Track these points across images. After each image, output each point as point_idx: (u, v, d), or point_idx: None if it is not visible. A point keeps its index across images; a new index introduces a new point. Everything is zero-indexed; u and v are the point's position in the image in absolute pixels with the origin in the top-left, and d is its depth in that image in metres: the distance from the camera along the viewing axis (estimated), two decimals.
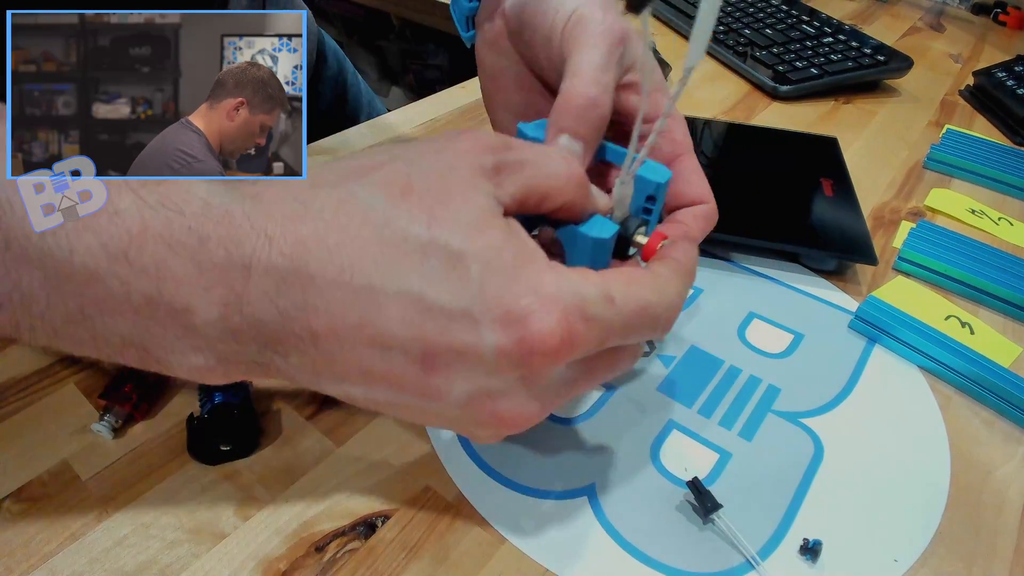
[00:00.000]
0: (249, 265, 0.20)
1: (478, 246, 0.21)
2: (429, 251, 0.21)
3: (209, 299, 0.21)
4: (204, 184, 0.21)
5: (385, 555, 0.28)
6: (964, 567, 0.30)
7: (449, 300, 0.21)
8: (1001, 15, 0.98)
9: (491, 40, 0.36)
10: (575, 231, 0.26)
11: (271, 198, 0.21)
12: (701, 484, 0.30)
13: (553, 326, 0.21)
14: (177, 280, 0.20)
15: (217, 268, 0.20)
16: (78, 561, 0.27)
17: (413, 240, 0.21)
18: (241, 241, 0.20)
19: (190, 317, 0.21)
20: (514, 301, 0.21)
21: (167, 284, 0.20)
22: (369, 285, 0.21)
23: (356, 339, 0.21)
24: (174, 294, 0.20)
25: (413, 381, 0.22)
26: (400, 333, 0.21)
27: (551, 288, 0.21)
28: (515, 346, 0.21)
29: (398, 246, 0.21)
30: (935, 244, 0.47)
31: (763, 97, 0.69)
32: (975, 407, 0.37)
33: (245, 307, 0.21)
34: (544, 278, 0.21)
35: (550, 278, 0.21)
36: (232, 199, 0.21)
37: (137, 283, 0.20)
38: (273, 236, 0.21)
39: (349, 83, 0.68)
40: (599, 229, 0.26)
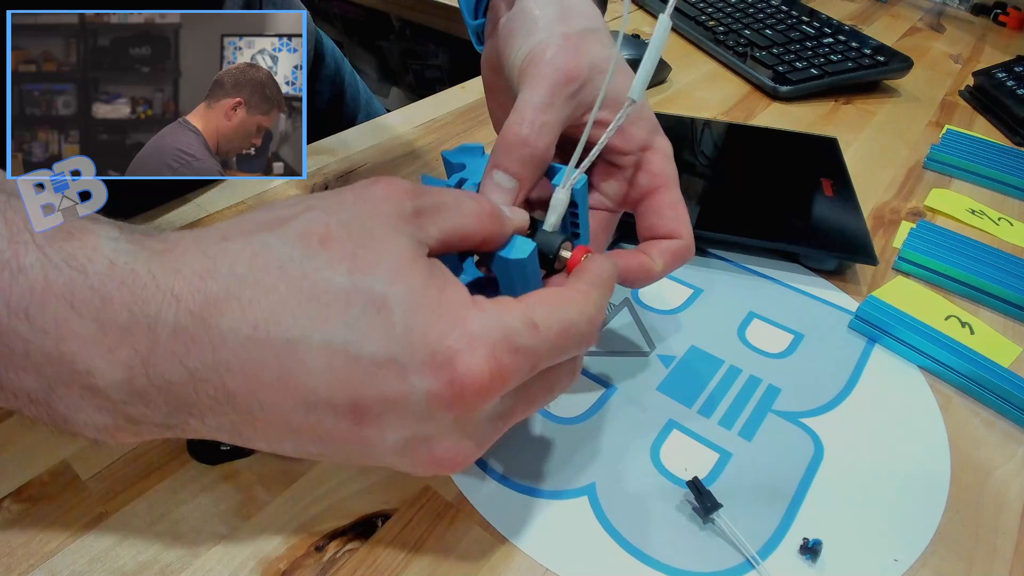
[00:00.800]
0: (155, 326, 0.20)
1: (401, 289, 0.21)
2: (352, 298, 0.20)
3: (113, 360, 0.20)
4: (111, 242, 0.21)
5: (385, 555, 0.28)
6: (964, 567, 0.30)
7: (375, 348, 0.20)
8: (1001, 15, 0.98)
9: (488, 61, 0.37)
10: (497, 256, 0.26)
11: (179, 254, 0.21)
12: (701, 484, 0.30)
13: (481, 363, 0.20)
14: (79, 340, 0.20)
15: (120, 329, 0.20)
16: (78, 561, 0.27)
17: (335, 289, 0.20)
18: (146, 301, 0.20)
19: (92, 378, 0.20)
20: (439, 342, 0.20)
21: (68, 344, 0.20)
22: (288, 339, 0.20)
23: (278, 398, 0.21)
24: (76, 354, 0.20)
25: (343, 434, 0.21)
26: (325, 387, 0.20)
27: (475, 325, 0.21)
28: (445, 389, 0.20)
29: (319, 297, 0.20)
30: (935, 244, 0.47)
31: (763, 97, 0.69)
32: (975, 407, 0.37)
33: (151, 369, 0.20)
34: (468, 315, 0.21)
35: (474, 315, 0.21)
36: (137, 258, 0.20)
37: (38, 341, 0.20)
38: (180, 295, 0.20)
39: (347, 82, 0.68)
40: (517, 250, 0.26)
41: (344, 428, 0.21)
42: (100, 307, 0.20)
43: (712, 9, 0.83)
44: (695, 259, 0.46)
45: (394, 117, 0.61)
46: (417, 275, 0.21)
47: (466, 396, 0.21)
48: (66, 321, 0.20)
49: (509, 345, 0.21)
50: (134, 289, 0.20)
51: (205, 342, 0.20)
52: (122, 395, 0.20)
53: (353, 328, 0.20)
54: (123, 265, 0.20)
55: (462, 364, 0.20)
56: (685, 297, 0.43)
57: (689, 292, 0.43)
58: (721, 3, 0.85)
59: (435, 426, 0.22)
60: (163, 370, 0.20)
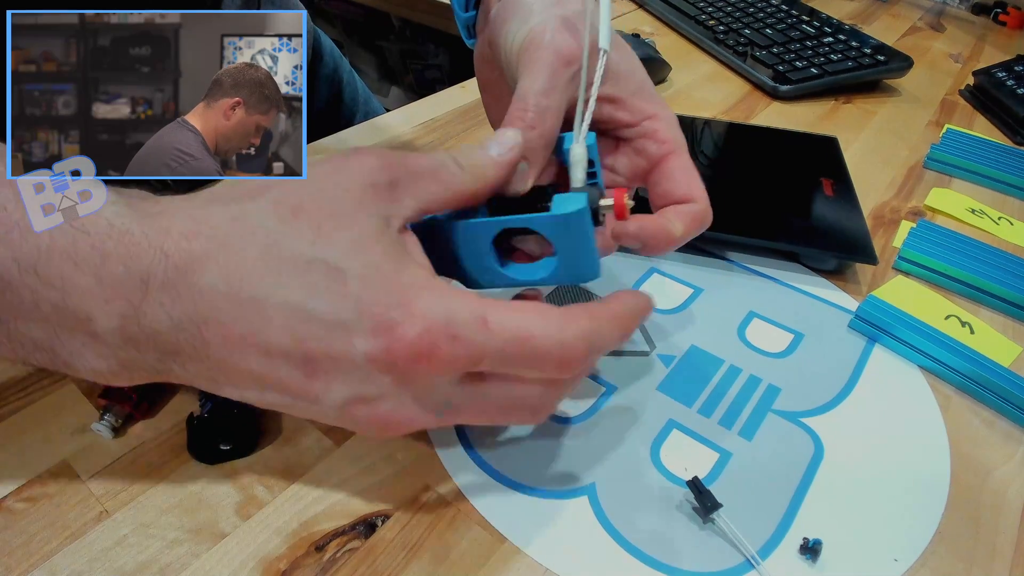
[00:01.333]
0: (146, 280, 0.22)
1: (358, 263, 0.23)
2: (313, 266, 0.22)
3: (109, 310, 0.22)
4: (110, 206, 0.23)
5: (385, 555, 0.28)
6: (964, 567, 0.30)
7: (327, 311, 0.22)
8: (1001, 15, 0.98)
9: (481, 54, 0.37)
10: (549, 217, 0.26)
11: (169, 216, 0.23)
12: (701, 484, 0.30)
13: (415, 337, 0.22)
14: (80, 292, 0.22)
15: (116, 282, 0.22)
16: (78, 561, 0.27)
17: (299, 256, 0.23)
18: (139, 257, 0.22)
19: (92, 325, 0.23)
20: (384, 314, 0.22)
21: (71, 296, 0.22)
22: (254, 297, 0.22)
23: (244, 348, 0.23)
24: (78, 305, 0.22)
25: (297, 386, 0.24)
26: (283, 342, 0.23)
27: (421, 304, 0.23)
28: (382, 354, 0.22)
29: (284, 262, 0.22)
30: (935, 244, 0.47)
31: (763, 97, 0.69)
32: (975, 407, 0.37)
33: (142, 318, 0.23)
34: (418, 295, 0.23)
35: (424, 296, 0.23)
36: (133, 220, 0.23)
37: (45, 294, 0.22)
38: (168, 252, 0.22)
39: (345, 82, 0.68)
40: (570, 203, 0.26)
41: (297, 379, 0.23)
42: (99, 264, 0.22)
43: (712, 8, 0.83)
44: (695, 259, 0.46)
45: (393, 117, 0.61)
46: (376, 251, 0.23)
47: (399, 363, 0.22)
48: (70, 276, 0.22)
49: (448, 329, 0.22)
50: (129, 247, 0.22)
51: (187, 295, 0.22)
52: (117, 341, 0.23)
53: (311, 292, 0.22)
54: (120, 226, 0.22)
55: (398, 333, 0.22)
56: (685, 297, 0.43)
57: (689, 292, 0.43)
58: (721, 2, 0.85)
59: (374, 387, 0.23)
60: (152, 319, 0.23)
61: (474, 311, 0.23)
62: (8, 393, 0.33)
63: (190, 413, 0.31)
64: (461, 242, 0.28)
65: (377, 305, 0.22)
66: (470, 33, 0.40)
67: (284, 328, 0.22)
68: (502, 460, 0.32)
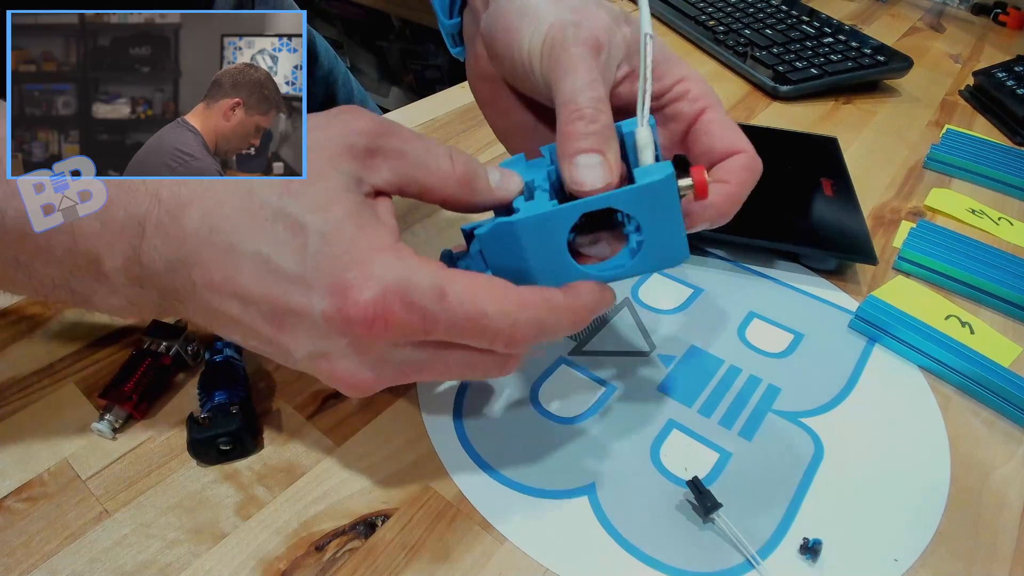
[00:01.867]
0: (143, 223, 0.23)
1: (320, 219, 0.23)
2: (278, 218, 0.23)
3: (114, 252, 0.24)
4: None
5: (385, 555, 0.28)
6: (964, 567, 0.30)
7: (289, 265, 0.23)
8: (1001, 15, 0.98)
9: (477, 72, 0.36)
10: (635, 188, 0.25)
11: None
12: (701, 484, 0.30)
13: (368, 301, 0.22)
14: (87, 236, 0.23)
15: (118, 225, 0.23)
16: (78, 561, 0.27)
17: (267, 208, 0.23)
18: (137, 203, 0.23)
19: (101, 266, 0.24)
20: (341, 273, 0.23)
21: (80, 239, 0.24)
22: (230, 244, 0.23)
23: (224, 291, 0.24)
24: (87, 247, 0.24)
25: (269, 336, 0.25)
26: (254, 290, 0.24)
27: (379, 268, 0.23)
28: (336, 314, 0.23)
29: (255, 213, 0.23)
30: (935, 244, 0.47)
31: (763, 97, 0.69)
32: (975, 407, 0.37)
33: (143, 258, 0.24)
34: (377, 257, 0.23)
35: (383, 258, 0.23)
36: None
37: (59, 238, 0.23)
38: (162, 198, 0.23)
39: (340, 82, 0.68)
40: (655, 172, 0.25)
41: (268, 331, 0.24)
42: (103, 210, 0.23)
43: (712, 9, 0.83)
44: (695, 259, 0.46)
45: (393, 117, 0.61)
46: (339, 210, 0.23)
47: (352, 325, 0.23)
48: (80, 222, 0.23)
49: (403, 296, 0.23)
50: (129, 193, 0.23)
51: (176, 239, 0.23)
52: (124, 281, 0.25)
53: (275, 245, 0.23)
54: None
55: (352, 295, 0.23)
56: (685, 297, 0.43)
57: (689, 292, 0.43)
58: (721, 3, 0.85)
59: (332, 345, 0.24)
60: (149, 260, 0.24)
61: (433, 280, 0.23)
62: (8, 393, 0.33)
63: (190, 413, 0.31)
64: (534, 241, 0.26)
65: (336, 264, 0.23)
66: (455, 41, 0.39)
67: (253, 277, 0.23)
68: (502, 460, 0.32)
